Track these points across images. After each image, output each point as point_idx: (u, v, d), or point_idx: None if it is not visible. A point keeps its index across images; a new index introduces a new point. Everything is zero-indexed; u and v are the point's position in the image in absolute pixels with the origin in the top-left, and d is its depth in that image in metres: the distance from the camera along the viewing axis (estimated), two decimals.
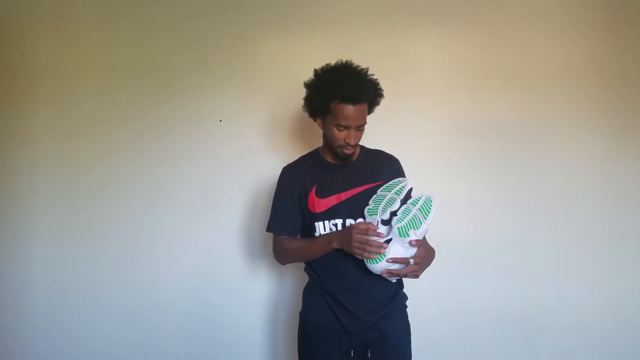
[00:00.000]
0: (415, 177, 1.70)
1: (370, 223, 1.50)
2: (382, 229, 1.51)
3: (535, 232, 2.16)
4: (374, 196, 1.58)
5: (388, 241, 1.47)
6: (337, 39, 2.16)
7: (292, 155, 2.12)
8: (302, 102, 1.62)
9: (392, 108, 2.14)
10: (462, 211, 2.16)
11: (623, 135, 2.16)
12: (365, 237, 1.46)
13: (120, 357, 2.20)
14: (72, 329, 2.21)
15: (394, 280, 1.59)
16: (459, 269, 2.17)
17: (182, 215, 2.19)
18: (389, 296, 1.63)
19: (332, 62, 1.56)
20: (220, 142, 2.19)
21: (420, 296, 2.12)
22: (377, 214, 1.51)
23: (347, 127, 1.50)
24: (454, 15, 2.17)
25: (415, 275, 1.50)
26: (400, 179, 1.60)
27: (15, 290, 2.22)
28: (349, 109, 1.47)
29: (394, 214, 1.50)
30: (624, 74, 2.16)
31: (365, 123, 1.55)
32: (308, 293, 1.70)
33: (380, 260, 1.45)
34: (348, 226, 1.54)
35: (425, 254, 1.52)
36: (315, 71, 1.56)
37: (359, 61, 1.56)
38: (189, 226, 2.19)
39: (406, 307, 1.71)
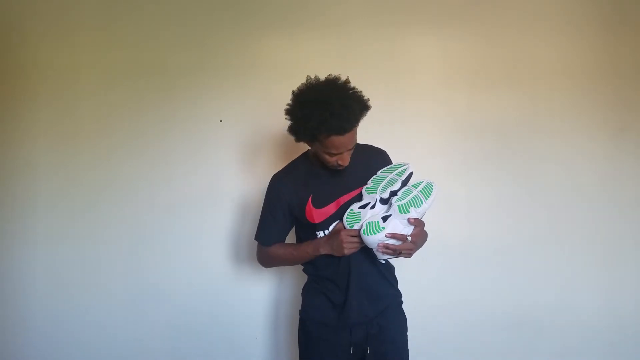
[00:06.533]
0: (415, 177, 1.70)
1: (355, 230, 1.49)
2: (380, 207, 1.50)
3: (534, 231, 2.17)
4: (373, 177, 1.58)
5: (386, 217, 1.47)
6: (337, 39, 2.16)
7: (292, 155, 2.12)
8: None
9: (392, 108, 2.16)
10: (461, 211, 2.17)
11: (622, 135, 2.17)
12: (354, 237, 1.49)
13: (121, 357, 2.21)
14: (72, 329, 2.21)
15: (383, 261, 1.59)
16: (458, 269, 2.17)
17: (183, 214, 2.19)
18: (385, 292, 1.65)
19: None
20: (220, 142, 2.19)
21: (419, 295, 2.13)
22: (376, 193, 1.51)
23: (339, 153, 1.47)
24: (454, 15, 2.18)
25: (409, 253, 1.49)
26: (401, 162, 1.60)
27: (15, 291, 2.22)
28: (339, 140, 1.42)
29: (393, 193, 1.50)
30: (624, 74, 2.17)
31: (356, 142, 1.50)
32: (307, 290, 1.71)
33: (378, 232, 1.44)
34: (333, 232, 1.55)
35: (421, 233, 1.53)
36: (294, 97, 1.47)
37: (359, 61, 1.56)
38: (189, 225, 2.20)
39: (402, 302, 1.73)
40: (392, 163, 1.69)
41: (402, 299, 1.73)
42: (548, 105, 2.17)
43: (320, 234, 1.59)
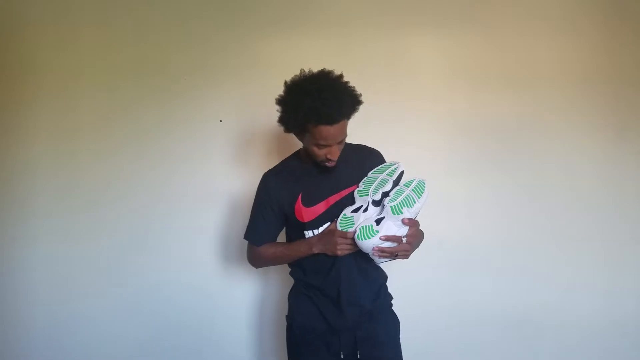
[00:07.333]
0: (413, 176, 1.70)
1: (350, 233, 1.47)
2: (373, 209, 1.48)
3: (534, 232, 2.17)
4: (365, 179, 1.55)
5: (380, 220, 1.45)
6: (337, 39, 2.16)
7: None
8: None
9: (392, 109, 2.16)
10: (461, 211, 2.17)
11: (621, 136, 2.17)
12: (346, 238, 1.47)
13: (121, 356, 2.21)
14: (73, 329, 2.21)
15: (380, 263, 1.57)
16: (458, 269, 2.17)
17: (182, 215, 2.19)
18: (374, 295, 1.62)
19: (312, 68, 1.48)
20: (220, 142, 2.19)
21: (419, 295, 2.14)
22: (367, 195, 1.49)
23: (327, 145, 1.45)
24: (454, 16, 2.18)
25: (405, 254, 1.48)
26: (392, 161, 1.58)
27: (16, 291, 2.22)
28: (328, 130, 1.40)
29: (385, 195, 1.49)
30: (623, 75, 2.17)
31: (346, 135, 1.49)
32: (293, 295, 1.68)
33: (372, 236, 1.42)
34: (327, 231, 1.52)
35: (416, 233, 1.50)
36: (287, 87, 1.48)
37: (359, 62, 1.54)
38: (189, 226, 2.20)
39: (391, 305, 1.70)
40: (385, 162, 1.67)
41: (398, 300, 1.70)
42: (548, 105, 2.17)
43: (309, 233, 1.56)
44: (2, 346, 2.22)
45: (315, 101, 1.37)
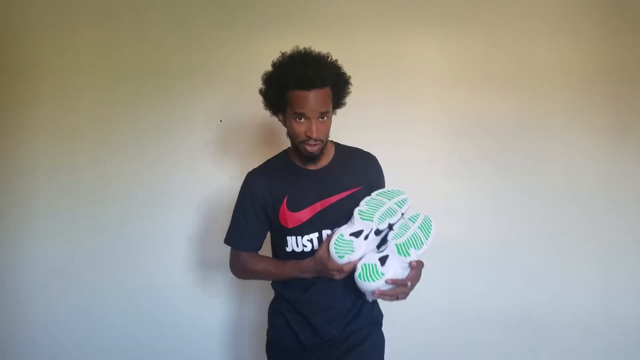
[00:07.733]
0: (415, 178, 1.70)
1: (348, 266, 1.34)
2: (372, 238, 1.37)
3: (534, 232, 2.17)
4: (368, 198, 1.42)
5: (384, 259, 1.33)
6: (337, 39, 2.15)
7: None
8: None
9: (392, 109, 2.16)
10: (461, 211, 2.17)
11: (621, 136, 2.17)
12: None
13: (120, 356, 2.21)
14: (73, 328, 2.21)
15: (370, 300, 1.47)
16: (458, 269, 2.17)
17: (182, 215, 2.19)
18: (354, 313, 1.49)
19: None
20: (220, 142, 2.19)
21: (419, 295, 2.13)
22: (371, 221, 1.36)
23: (305, 117, 1.35)
24: (454, 16, 2.18)
25: (404, 296, 1.36)
26: (401, 189, 1.47)
27: (16, 290, 2.22)
28: (305, 95, 1.33)
29: (390, 226, 1.38)
30: (624, 75, 2.17)
31: (328, 111, 1.38)
32: (271, 311, 1.59)
33: (378, 279, 1.30)
34: (319, 259, 1.39)
35: (418, 276, 1.40)
36: (272, 62, 1.45)
37: (359, 62, 1.54)
38: (189, 226, 2.20)
39: (380, 324, 1.57)
40: (381, 169, 1.58)
41: (385, 316, 1.59)
42: (548, 106, 2.17)
43: (292, 239, 1.45)
44: (2, 345, 2.22)
45: (294, 62, 1.37)
